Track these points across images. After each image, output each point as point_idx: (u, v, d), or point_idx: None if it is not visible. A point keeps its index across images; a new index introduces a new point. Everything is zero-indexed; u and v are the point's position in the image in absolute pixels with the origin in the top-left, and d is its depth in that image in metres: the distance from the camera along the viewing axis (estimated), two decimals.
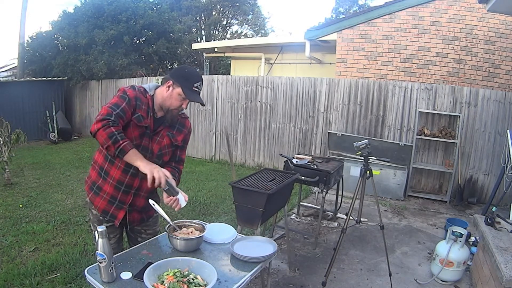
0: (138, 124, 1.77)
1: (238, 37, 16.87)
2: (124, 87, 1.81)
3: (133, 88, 1.80)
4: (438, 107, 5.63)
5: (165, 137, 1.89)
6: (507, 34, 5.89)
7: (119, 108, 1.69)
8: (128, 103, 1.73)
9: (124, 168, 1.80)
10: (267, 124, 7.05)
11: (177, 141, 1.94)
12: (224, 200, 5.00)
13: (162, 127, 1.88)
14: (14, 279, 2.76)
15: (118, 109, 1.69)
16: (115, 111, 1.68)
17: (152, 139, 1.85)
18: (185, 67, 1.93)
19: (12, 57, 15.54)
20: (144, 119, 1.79)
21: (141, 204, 1.91)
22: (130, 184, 1.84)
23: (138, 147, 1.78)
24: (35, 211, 4.36)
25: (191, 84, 1.80)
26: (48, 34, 10.88)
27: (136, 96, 1.77)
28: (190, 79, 1.81)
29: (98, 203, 1.87)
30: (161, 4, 11.94)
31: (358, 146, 2.85)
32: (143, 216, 1.98)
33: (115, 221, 1.89)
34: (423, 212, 4.98)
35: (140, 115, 1.77)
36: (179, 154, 2.01)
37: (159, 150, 1.87)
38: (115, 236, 1.94)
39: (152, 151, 1.85)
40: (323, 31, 7.30)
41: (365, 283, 3.01)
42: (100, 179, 1.86)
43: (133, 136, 1.78)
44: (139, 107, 1.78)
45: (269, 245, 1.82)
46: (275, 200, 2.59)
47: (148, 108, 1.82)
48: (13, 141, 5.59)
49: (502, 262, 2.34)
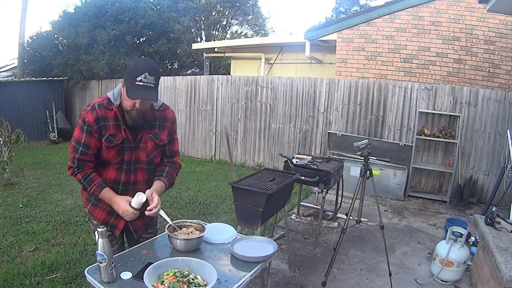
0: (109, 145, 1.70)
1: (238, 37, 16.87)
2: (84, 111, 1.69)
3: (92, 109, 1.67)
4: (438, 107, 5.63)
5: (149, 141, 1.79)
6: (507, 34, 5.89)
7: (81, 145, 1.68)
8: (88, 133, 1.67)
9: (118, 166, 1.78)
10: (267, 124, 7.05)
11: (162, 140, 1.84)
12: (224, 200, 5.00)
13: (141, 132, 1.77)
14: (14, 279, 2.76)
15: (80, 146, 1.68)
16: (77, 152, 1.69)
17: (136, 148, 1.77)
18: (132, 61, 1.68)
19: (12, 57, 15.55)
20: (116, 136, 1.70)
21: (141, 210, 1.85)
22: (127, 180, 1.81)
23: (122, 163, 1.75)
24: (35, 211, 4.36)
25: (133, 79, 1.57)
26: (48, 34, 10.88)
27: (98, 117, 1.66)
28: (133, 72, 1.59)
29: (98, 214, 1.85)
30: (161, 4, 11.94)
31: (358, 146, 2.85)
32: (145, 220, 1.93)
33: (115, 231, 1.86)
34: (423, 212, 4.98)
35: (108, 136, 1.68)
36: (169, 149, 1.91)
37: (147, 157, 1.80)
38: (117, 242, 1.92)
39: (139, 160, 1.79)
40: (323, 31, 7.30)
41: (365, 283, 3.01)
42: None
43: (111, 156, 1.73)
44: (105, 128, 1.68)
45: (269, 245, 1.82)
46: (275, 200, 2.59)
47: (118, 121, 1.70)
48: (13, 141, 5.59)
49: (502, 262, 2.34)
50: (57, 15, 12.13)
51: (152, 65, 1.64)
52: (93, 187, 1.71)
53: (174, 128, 1.91)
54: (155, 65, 1.66)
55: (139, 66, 1.61)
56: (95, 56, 9.71)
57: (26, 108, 9.62)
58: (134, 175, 1.81)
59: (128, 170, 1.79)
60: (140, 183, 1.84)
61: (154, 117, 1.80)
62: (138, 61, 1.67)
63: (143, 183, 1.85)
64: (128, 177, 1.80)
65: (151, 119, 1.78)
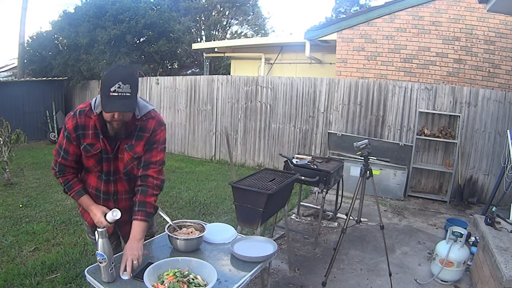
0: (87, 155, 1.67)
1: (238, 37, 16.87)
2: (67, 116, 1.67)
3: (74, 116, 1.63)
4: (438, 107, 5.63)
5: (125, 152, 1.71)
6: (507, 34, 5.89)
7: (63, 150, 1.68)
8: (67, 139, 1.65)
9: (99, 175, 1.77)
10: (267, 124, 7.05)
11: (137, 152, 1.70)
12: (224, 200, 5.00)
13: (119, 142, 1.69)
14: (14, 279, 2.76)
15: (62, 151, 1.69)
16: (59, 156, 1.69)
17: (115, 159, 1.72)
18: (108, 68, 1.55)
19: (12, 57, 15.55)
20: (94, 145, 1.65)
21: (126, 206, 1.81)
22: (107, 190, 1.78)
23: (101, 173, 1.74)
24: (35, 211, 4.35)
25: (107, 90, 1.46)
26: (48, 34, 10.88)
27: (77, 125, 1.62)
28: (106, 82, 1.47)
29: (87, 217, 1.84)
30: (161, 4, 11.94)
31: (358, 146, 2.85)
32: None
33: None
34: (423, 212, 4.98)
35: (86, 145, 1.65)
36: (144, 158, 1.72)
37: (124, 168, 1.74)
38: (112, 242, 1.90)
39: (117, 171, 1.75)
40: (323, 31, 7.30)
41: (365, 283, 3.01)
42: None
43: (91, 164, 1.71)
44: (83, 136, 1.64)
45: (269, 245, 1.82)
46: (275, 200, 2.59)
47: (96, 131, 1.64)
48: (13, 141, 5.59)
49: (502, 262, 2.34)
50: (57, 15, 12.17)
51: (126, 72, 1.51)
52: (72, 192, 1.74)
53: (154, 139, 1.73)
54: (129, 72, 1.53)
55: (112, 75, 1.48)
56: (95, 56, 9.71)
57: (26, 108, 9.62)
58: (114, 185, 1.78)
59: (107, 180, 1.76)
60: (121, 193, 1.82)
61: (134, 127, 1.69)
62: (111, 69, 1.53)
63: (124, 193, 1.82)
64: (108, 187, 1.78)
65: (130, 129, 1.68)
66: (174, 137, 8.35)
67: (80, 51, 9.94)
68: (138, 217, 1.66)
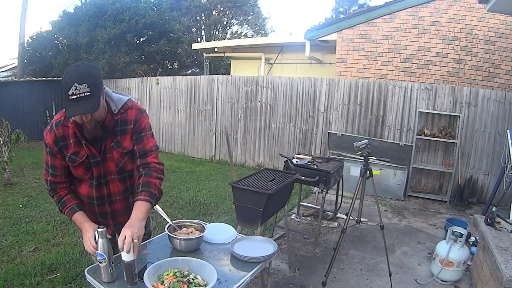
0: (74, 164, 1.62)
1: (238, 37, 16.87)
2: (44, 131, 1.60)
3: (50, 130, 1.57)
4: (438, 107, 5.62)
5: (113, 150, 1.65)
6: (507, 34, 5.89)
7: (50, 167, 1.63)
8: (51, 155, 1.60)
9: (90, 182, 1.70)
10: (267, 124, 7.05)
11: (125, 147, 1.65)
12: (224, 200, 5.00)
13: (104, 142, 1.62)
14: (14, 279, 2.76)
15: (50, 168, 1.63)
16: (48, 174, 1.64)
17: (104, 160, 1.66)
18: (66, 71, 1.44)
19: (12, 57, 15.54)
20: (79, 153, 1.60)
21: (122, 207, 1.79)
22: (100, 195, 1.73)
23: (92, 179, 1.68)
24: (35, 211, 4.35)
25: (66, 94, 1.38)
26: (48, 34, 10.88)
27: (56, 138, 1.57)
28: (64, 87, 1.38)
29: None
30: (162, 4, 11.95)
31: (358, 146, 2.85)
32: None
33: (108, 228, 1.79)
34: (423, 212, 4.98)
35: (71, 155, 1.59)
36: (138, 149, 1.66)
37: (116, 166, 1.68)
38: None
39: (109, 171, 1.69)
40: (323, 31, 7.30)
41: (365, 283, 3.01)
42: None
43: (80, 174, 1.66)
44: (65, 147, 1.58)
45: (269, 245, 1.82)
46: (275, 200, 2.59)
47: (78, 138, 1.58)
48: (13, 141, 5.59)
49: (502, 262, 2.34)
50: (57, 15, 12.18)
51: (80, 70, 1.41)
52: (65, 210, 1.66)
53: (140, 128, 1.66)
54: (84, 70, 1.42)
55: (67, 77, 1.39)
56: (95, 55, 9.72)
57: (26, 108, 9.61)
58: (106, 188, 1.73)
59: (98, 185, 1.70)
60: (115, 195, 1.76)
61: (114, 123, 1.62)
62: (67, 71, 1.42)
63: (118, 194, 1.77)
64: (101, 191, 1.72)
65: (111, 125, 1.60)
66: (174, 137, 8.35)
67: (80, 51, 9.95)
68: (142, 197, 1.56)
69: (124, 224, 1.54)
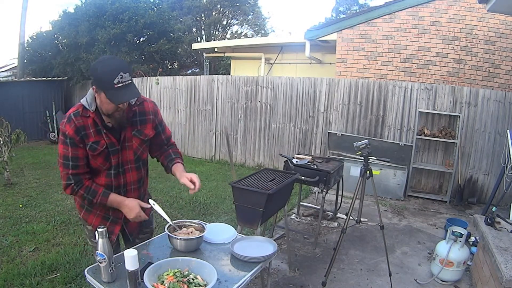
0: (94, 153, 1.66)
1: (238, 37, 16.87)
2: (61, 124, 1.64)
3: (69, 121, 1.62)
4: (438, 107, 5.63)
5: (133, 139, 1.76)
6: (507, 34, 5.89)
7: (70, 160, 1.62)
8: (73, 145, 1.62)
9: (107, 172, 1.74)
10: (267, 124, 7.05)
11: (147, 135, 1.80)
12: (224, 200, 5.00)
13: (124, 132, 1.73)
14: (14, 279, 2.76)
15: (70, 161, 1.62)
16: (69, 168, 1.63)
17: (122, 149, 1.74)
18: (96, 64, 1.56)
19: (12, 57, 15.54)
20: (99, 142, 1.66)
21: (135, 196, 1.85)
22: (118, 184, 1.78)
23: (110, 169, 1.73)
24: (35, 211, 4.36)
25: (110, 83, 1.49)
26: (48, 34, 10.89)
27: (77, 128, 1.61)
28: (106, 77, 1.50)
29: (92, 220, 1.83)
30: (162, 4, 11.95)
31: (358, 146, 2.85)
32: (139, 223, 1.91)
33: (111, 236, 1.82)
34: (423, 212, 4.98)
35: (92, 144, 1.64)
36: (165, 137, 1.93)
37: (134, 155, 1.78)
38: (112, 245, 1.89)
39: (127, 161, 1.76)
40: (323, 31, 7.30)
41: (365, 283, 3.01)
42: None
43: (99, 164, 1.70)
44: (86, 137, 1.63)
45: (269, 245, 1.82)
46: (275, 200, 2.59)
47: (97, 127, 1.65)
48: (13, 141, 5.59)
49: (502, 262, 2.34)
50: (57, 15, 12.15)
51: (121, 62, 1.57)
52: (98, 197, 1.68)
53: (159, 118, 1.88)
54: (123, 60, 1.61)
55: (111, 67, 1.51)
56: (95, 55, 9.71)
57: (26, 108, 9.62)
58: (123, 177, 1.79)
59: (116, 174, 1.76)
60: (130, 184, 1.82)
61: (132, 113, 1.74)
62: (104, 63, 1.54)
63: (133, 183, 1.83)
64: (118, 180, 1.78)
65: (129, 115, 1.73)
66: (174, 137, 8.31)
67: (80, 51, 9.95)
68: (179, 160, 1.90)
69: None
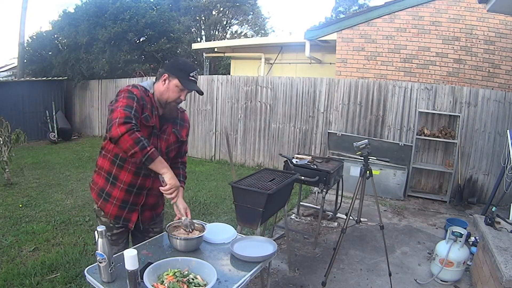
0: (146, 124, 1.74)
1: (238, 37, 16.88)
2: (127, 87, 1.75)
3: (136, 87, 1.76)
4: (438, 107, 5.63)
5: (171, 135, 1.91)
6: (507, 34, 5.89)
7: (133, 109, 1.63)
8: (138, 102, 1.69)
9: (135, 171, 1.79)
10: (267, 124, 7.05)
11: (182, 136, 1.98)
12: (224, 200, 5.00)
13: (167, 124, 1.89)
14: (14, 279, 2.76)
15: (133, 110, 1.63)
16: (131, 112, 1.60)
17: (159, 137, 1.85)
18: (178, 59, 1.91)
19: (12, 57, 15.54)
20: (151, 118, 1.78)
21: (152, 202, 1.93)
22: (143, 185, 1.83)
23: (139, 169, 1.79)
24: (35, 211, 4.35)
25: (187, 74, 1.80)
26: (48, 33, 10.88)
27: (142, 95, 1.74)
28: (186, 69, 1.81)
29: (109, 209, 1.84)
30: (162, 4, 11.96)
31: (358, 146, 2.85)
32: (153, 214, 1.99)
33: (129, 224, 1.88)
34: (423, 212, 4.98)
35: (147, 115, 1.75)
36: (183, 150, 2.08)
37: (166, 148, 1.89)
38: (123, 241, 1.92)
39: (160, 149, 1.84)
40: (323, 31, 7.30)
41: (365, 283, 3.01)
42: (109, 184, 1.82)
43: None
44: (145, 107, 1.75)
45: (269, 245, 1.82)
46: (275, 200, 2.59)
47: (152, 107, 1.81)
48: (13, 141, 5.59)
49: (502, 262, 2.34)
50: (57, 15, 12.13)
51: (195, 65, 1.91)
52: (151, 149, 1.59)
53: (189, 131, 2.08)
54: None
55: (189, 65, 1.86)
56: (95, 55, 9.72)
57: (26, 108, 9.61)
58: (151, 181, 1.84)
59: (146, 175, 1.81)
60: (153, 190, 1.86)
61: (177, 115, 1.95)
62: (184, 60, 1.92)
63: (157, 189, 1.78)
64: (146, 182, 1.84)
65: (175, 114, 1.93)
66: None
67: (80, 50, 9.95)
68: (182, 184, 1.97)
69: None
